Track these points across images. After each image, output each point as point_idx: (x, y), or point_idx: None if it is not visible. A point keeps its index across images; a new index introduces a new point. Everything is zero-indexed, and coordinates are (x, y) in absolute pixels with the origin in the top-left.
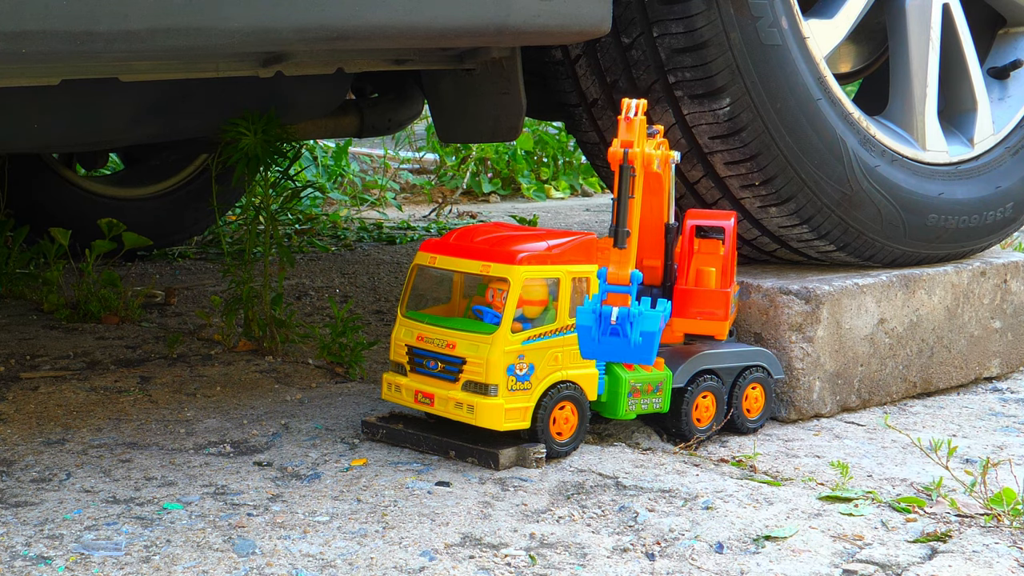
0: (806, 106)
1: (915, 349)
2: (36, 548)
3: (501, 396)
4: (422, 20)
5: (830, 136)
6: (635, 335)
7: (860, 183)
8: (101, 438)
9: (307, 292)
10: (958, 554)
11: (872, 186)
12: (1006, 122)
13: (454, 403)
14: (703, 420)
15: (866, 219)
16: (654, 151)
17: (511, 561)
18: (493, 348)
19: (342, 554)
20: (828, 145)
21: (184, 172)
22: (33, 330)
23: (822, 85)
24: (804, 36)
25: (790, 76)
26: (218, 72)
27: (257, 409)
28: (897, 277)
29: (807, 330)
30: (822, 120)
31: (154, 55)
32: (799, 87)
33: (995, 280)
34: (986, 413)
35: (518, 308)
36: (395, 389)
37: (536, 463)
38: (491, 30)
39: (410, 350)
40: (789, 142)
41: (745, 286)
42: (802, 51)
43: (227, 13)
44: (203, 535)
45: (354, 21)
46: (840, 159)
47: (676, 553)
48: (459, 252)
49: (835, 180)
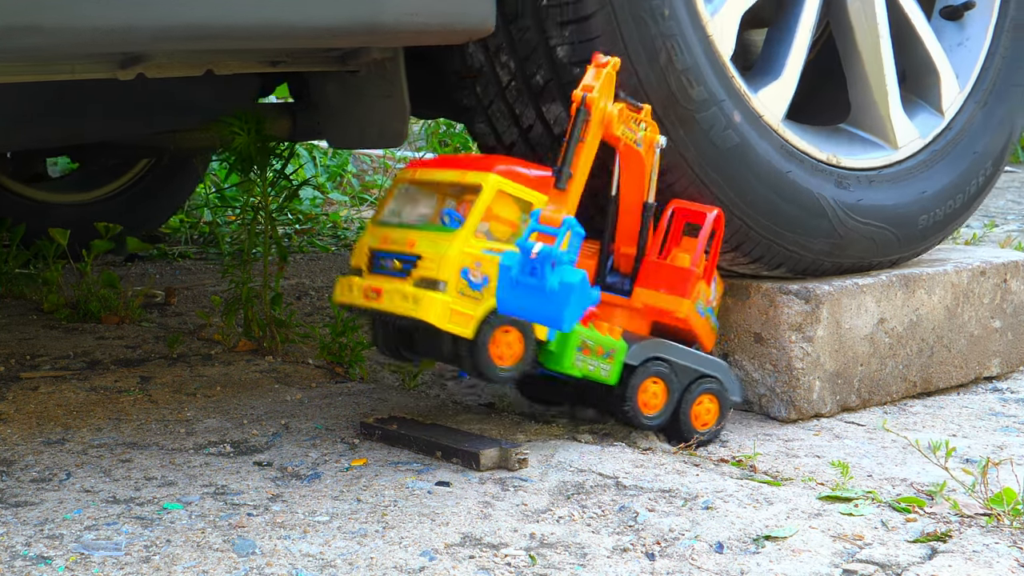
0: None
1: (915, 349)
2: (36, 548)
3: (449, 294)
4: (284, 19)
5: (806, 195)
6: (553, 280)
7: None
8: (101, 438)
9: (307, 292)
10: (958, 554)
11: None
12: (970, 71)
13: (400, 295)
14: (650, 406)
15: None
16: (617, 110)
17: (511, 561)
18: (452, 245)
19: (342, 554)
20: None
21: (125, 177)
22: (33, 330)
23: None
24: (758, 114)
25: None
26: (73, 74)
27: (257, 409)
28: (897, 277)
29: (807, 330)
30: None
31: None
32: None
33: (995, 279)
34: (986, 413)
35: (487, 222)
36: (348, 289)
37: (519, 464)
38: (361, 29)
39: (371, 252)
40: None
41: (744, 286)
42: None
43: (80, 12)
44: (203, 535)
45: (215, 20)
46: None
47: (676, 553)
48: (441, 165)
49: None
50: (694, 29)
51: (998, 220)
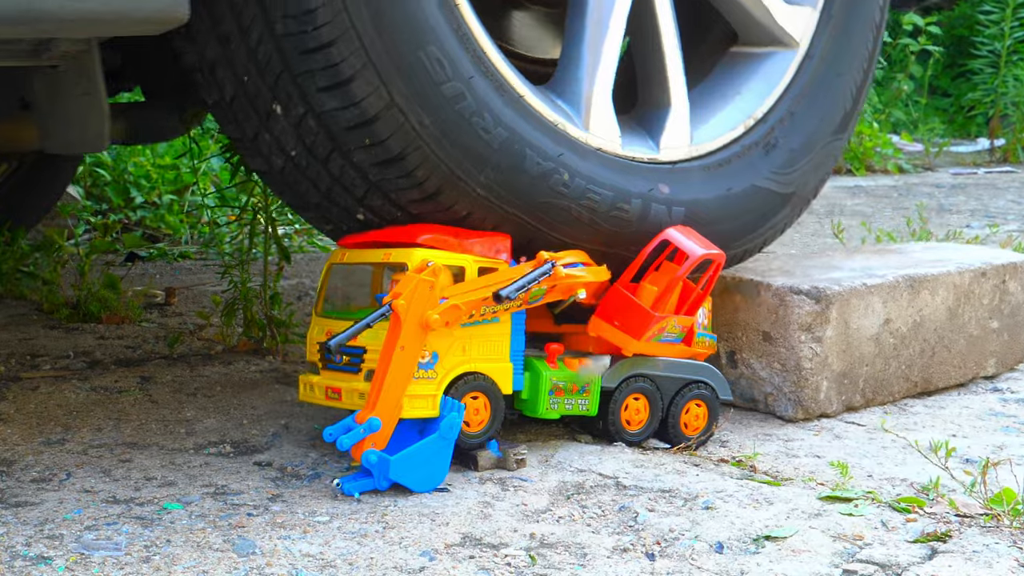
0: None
1: (917, 349)
2: (36, 548)
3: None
4: None
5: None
6: (388, 476)
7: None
8: (101, 438)
9: (307, 292)
10: (958, 554)
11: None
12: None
13: (358, 394)
14: (633, 423)
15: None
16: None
17: (511, 561)
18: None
19: (342, 554)
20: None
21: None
22: (33, 330)
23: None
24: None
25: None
26: None
27: (257, 409)
28: (903, 277)
29: (816, 330)
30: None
31: None
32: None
33: (994, 280)
34: (986, 413)
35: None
36: (309, 388)
37: (517, 464)
38: (18, 16)
39: (321, 347)
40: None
41: (755, 285)
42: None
43: None
44: (203, 535)
45: None
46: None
47: (676, 553)
48: (367, 244)
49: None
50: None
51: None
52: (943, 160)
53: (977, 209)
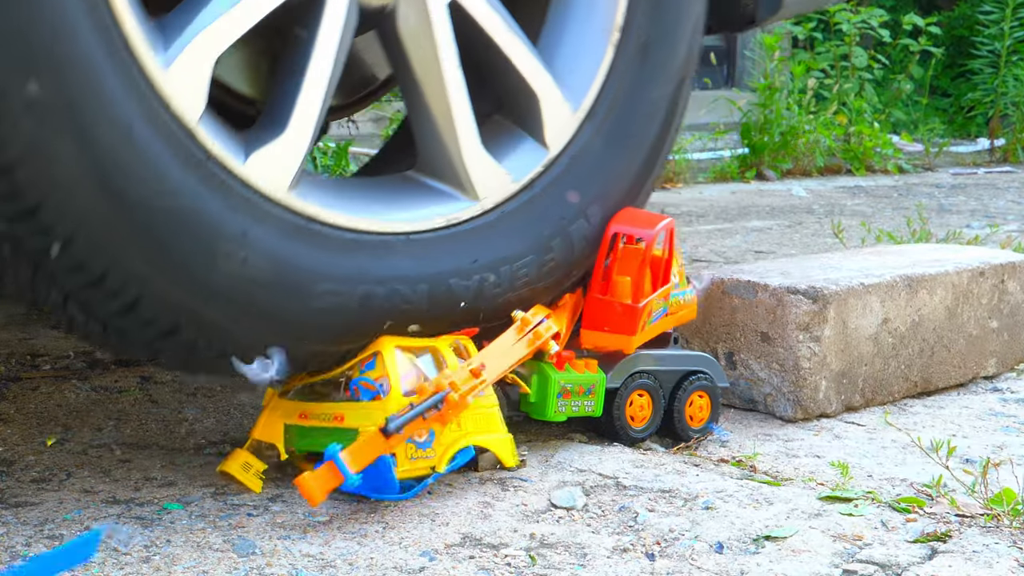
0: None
1: (917, 349)
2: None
3: (401, 466)
4: None
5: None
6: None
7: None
8: (101, 438)
9: None
10: (958, 554)
11: None
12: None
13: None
14: (637, 420)
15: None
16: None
17: (511, 561)
18: (386, 416)
19: (342, 554)
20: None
21: None
22: (33, 330)
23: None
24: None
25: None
26: None
27: (258, 410)
28: (901, 277)
29: (814, 330)
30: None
31: None
32: None
33: (993, 280)
34: (986, 413)
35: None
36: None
37: (519, 464)
38: None
39: (288, 429)
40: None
41: (752, 285)
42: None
43: None
44: (203, 535)
45: None
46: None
47: (676, 553)
48: None
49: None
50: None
51: (998, 220)
52: (943, 160)
53: (977, 209)
